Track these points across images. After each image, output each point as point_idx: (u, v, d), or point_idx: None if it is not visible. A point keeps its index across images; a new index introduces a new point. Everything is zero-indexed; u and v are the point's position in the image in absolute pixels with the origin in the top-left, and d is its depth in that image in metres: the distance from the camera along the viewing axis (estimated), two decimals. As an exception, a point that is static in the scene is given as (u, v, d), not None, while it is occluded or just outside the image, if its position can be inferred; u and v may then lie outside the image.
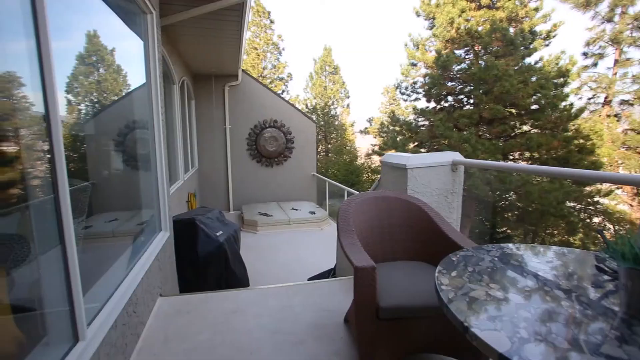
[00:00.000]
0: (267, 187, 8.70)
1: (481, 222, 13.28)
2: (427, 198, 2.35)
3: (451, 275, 1.16)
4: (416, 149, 12.59)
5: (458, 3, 11.82)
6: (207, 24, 4.53)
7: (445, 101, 13.13)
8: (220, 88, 8.01)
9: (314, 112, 23.91)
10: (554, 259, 1.36)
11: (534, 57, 11.54)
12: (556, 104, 10.55)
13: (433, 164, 2.33)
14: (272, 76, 22.47)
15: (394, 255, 1.98)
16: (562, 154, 10.46)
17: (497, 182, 10.44)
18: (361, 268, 1.47)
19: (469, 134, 10.53)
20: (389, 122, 14.36)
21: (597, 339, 0.84)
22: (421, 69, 13.88)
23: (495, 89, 10.45)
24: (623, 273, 0.93)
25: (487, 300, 1.00)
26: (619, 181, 2.47)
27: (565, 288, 1.10)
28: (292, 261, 5.28)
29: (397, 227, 2.01)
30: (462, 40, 11.74)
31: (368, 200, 2.04)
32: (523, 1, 11.53)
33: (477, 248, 1.44)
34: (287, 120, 8.64)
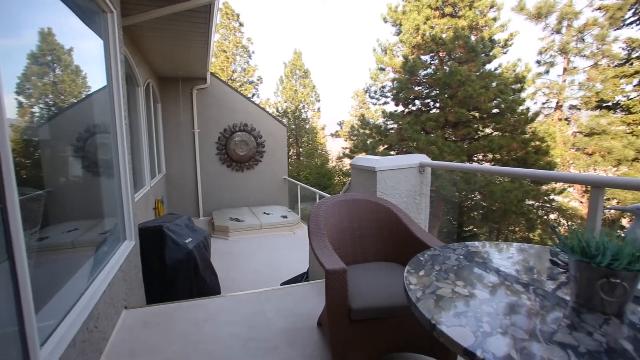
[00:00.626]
0: (238, 191, 8.55)
1: (449, 222, 13.77)
2: (396, 199, 2.41)
3: (419, 275, 1.19)
4: (386, 151, 12.87)
5: (423, 11, 12.26)
6: (173, 25, 4.41)
7: (413, 105, 13.54)
8: (188, 91, 7.81)
9: (285, 115, 23.85)
10: (515, 254, 1.44)
11: (494, 64, 12.20)
12: (514, 108, 11.18)
13: (401, 166, 2.39)
14: (242, 79, 22.19)
15: (365, 257, 2.01)
16: (521, 155, 11.09)
17: (463, 183, 10.88)
18: (332, 271, 1.48)
19: (435, 136, 10.92)
20: (359, 126, 14.60)
21: (551, 328, 0.89)
22: (389, 73, 14.24)
23: (459, 93, 10.91)
24: (572, 265, 1.00)
25: (453, 298, 1.04)
26: (569, 180, 2.66)
27: (524, 282, 1.17)
28: (265, 266, 5.22)
29: (368, 229, 2.04)
30: (427, 46, 12.17)
31: (338, 203, 2.06)
32: (482, 11, 12.16)
33: (444, 247, 1.50)
34: (257, 124, 8.56)
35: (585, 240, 1.00)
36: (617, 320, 0.93)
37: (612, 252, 0.94)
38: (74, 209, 2.40)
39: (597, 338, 0.85)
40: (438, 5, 12.21)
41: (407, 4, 13.30)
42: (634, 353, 0.79)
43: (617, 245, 0.96)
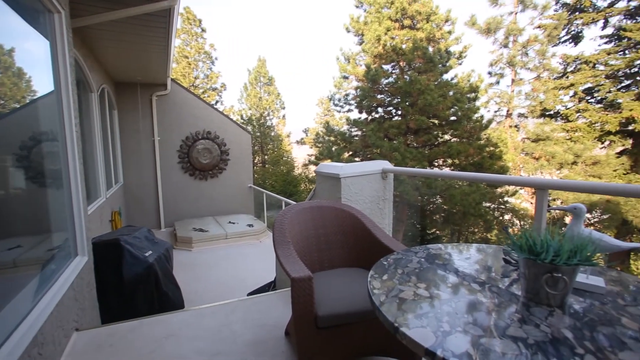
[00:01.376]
0: (202, 201, 8.30)
1: (413, 225, 14.21)
2: (361, 205, 2.46)
3: (383, 279, 1.22)
4: (351, 158, 13.09)
5: (384, 22, 12.71)
6: (130, 29, 4.24)
7: (376, 112, 13.92)
8: (147, 97, 7.49)
9: (250, 123, 23.58)
10: (473, 255, 1.51)
11: (450, 74, 12.87)
12: (470, 116, 11.84)
13: (364, 173, 2.45)
14: (205, 86, 21.69)
15: (331, 264, 2.02)
16: (477, 159, 11.74)
17: (425, 188, 11.31)
18: (298, 279, 1.47)
19: (398, 143, 11.28)
20: (324, 133, 14.76)
21: (505, 323, 0.95)
22: (353, 81, 14.56)
23: (419, 101, 11.39)
24: (522, 262, 1.07)
25: (415, 300, 1.07)
26: (519, 183, 2.85)
27: (480, 281, 1.23)
28: (231, 277, 5.08)
29: (333, 235, 2.06)
30: (388, 56, 12.61)
31: (303, 210, 2.07)
32: (439, 24, 12.83)
33: (406, 250, 1.54)
34: (221, 132, 8.38)
35: (532, 239, 1.08)
36: (560, 311, 1.01)
37: (554, 249, 1.01)
38: (16, 225, 2.21)
39: (544, 329, 0.91)
40: (397, 18, 12.72)
41: (368, 15, 13.73)
42: (573, 341, 0.86)
43: (558, 243, 1.04)
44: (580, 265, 1.00)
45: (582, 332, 0.90)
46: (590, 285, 1.15)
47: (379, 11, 13.18)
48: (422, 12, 12.54)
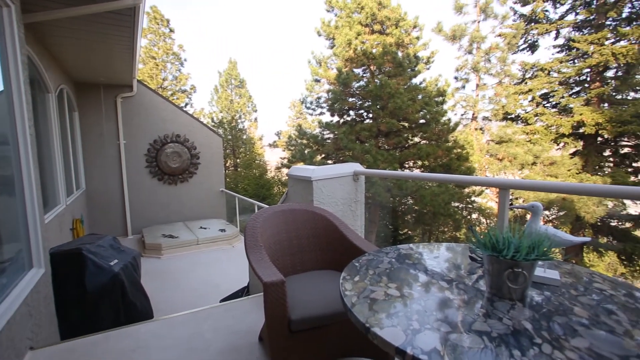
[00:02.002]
0: (172, 206, 8.03)
1: (386, 226, 14.47)
2: (333, 208, 2.47)
3: (354, 280, 1.23)
4: (323, 160, 13.16)
5: (354, 27, 12.92)
6: (92, 27, 4.04)
7: (348, 115, 14.09)
8: (111, 99, 7.17)
9: (221, 126, 23.15)
10: (442, 254, 1.56)
11: (419, 78, 13.27)
12: (438, 119, 12.26)
13: (336, 175, 2.47)
14: (174, 88, 21.07)
15: (304, 267, 2.02)
16: (446, 161, 12.15)
17: (396, 189, 11.56)
18: (270, 283, 1.45)
19: (369, 145, 11.47)
20: (297, 136, 14.75)
21: (471, 318, 0.98)
22: (324, 85, 14.67)
23: (390, 104, 11.65)
24: (486, 259, 1.12)
25: (386, 300, 1.09)
26: (483, 183, 2.98)
27: (448, 279, 1.27)
28: (203, 284, 4.94)
29: (306, 238, 2.06)
30: (359, 60, 12.82)
31: (276, 214, 2.05)
32: (407, 30, 13.20)
33: (378, 251, 1.57)
34: (191, 135, 8.16)
35: (495, 236, 1.13)
36: (521, 304, 1.06)
37: (515, 245, 1.07)
38: (-38, 236, 2.05)
39: (506, 322, 0.96)
40: (368, 23, 12.97)
41: (339, 20, 13.90)
42: (532, 331, 0.91)
43: (518, 240, 1.10)
44: (538, 260, 1.06)
45: (540, 323, 0.95)
46: (547, 279, 1.22)
47: (349, 16, 13.39)
48: (391, 18, 12.86)
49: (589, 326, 0.94)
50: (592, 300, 1.09)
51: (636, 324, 0.95)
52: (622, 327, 0.94)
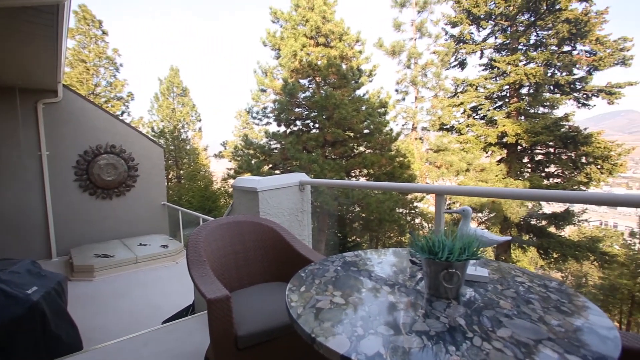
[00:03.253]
0: (106, 223, 7.35)
1: (335, 234, 14.68)
2: (279, 218, 2.46)
3: (300, 291, 1.23)
4: (270, 170, 13.05)
5: (299, 39, 13.13)
6: (5, 24, 3.59)
7: (295, 125, 14.19)
8: (30, 105, 6.42)
9: (162, 135, 21.93)
10: (385, 259, 1.62)
11: (362, 90, 13.84)
12: (381, 129, 12.85)
13: (282, 186, 2.46)
14: (108, 95, 19.52)
15: (251, 280, 1.97)
16: (389, 169, 12.74)
17: (343, 197, 11.83)
18: (214, 299, 1.40)
19: (316, 155, 11.63)
20: (243, 146, 14.47)
21: (412, 320, 1.03)
22: (270, 94, 14.64)
23: (335, 115, 11.96)
24: (424, 262, 1.19)
25: (332, 308, 1.11)
26: (422, 190, 3.19)
27: (391, 283, 1.33)
28: (143, 305, 4.57)
29: (252, 250, 2.01)
30: (305, 71, 13.02)
31: (220, 226, 1.98)
32: (350, 44, 13.74)
33: (324, 260, 1.59)
34: (128, 145, 7.60)
35: (431, 240, 1.21)
36: (456, 302, 1.15)
37: (448, 248, 1.15)
38: None
39: (442, 320, 1.02)
40: (312, 35, 13.27)
41: (284, 31, 14.04)
42: (465, 326, 0.98)
43: (452, 242, 1.19)
44: (469, 259, 1.15)
45: (472, 318, 1.04)
46: (477, 276, 1.33)
47: (294, 28, 13.59)
48: (335, 32, 13.30)
49: (512, 316, 1.04)
50: (514, 293, 1.21)
51: (547, 310, 1.07)
52: (537, 314, 1.05)
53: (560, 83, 14.57)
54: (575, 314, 1.06)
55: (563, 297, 1.17)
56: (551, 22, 14.17)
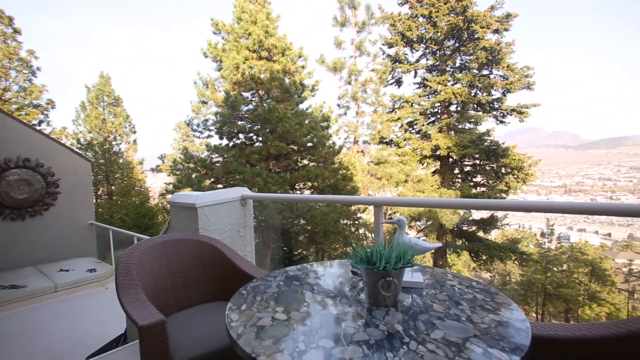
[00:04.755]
0: (16, 248, 6.42)
1: (280, 248, 14.49)
2: (220, 235, 2.37)
3: (241, 310, 1.20)
4: (212, 185, 12.58)
5: (242, 51, 13.02)
6: None
7: (237, 138, 13.91)
8: None
9: (90, 148, 20.03)
10: (330, 271, 1.64)
11: (305, 104, 14.08)
12: (324, 142, 13.13)
13: (223, 201, 2.38)
14: (21, 101, 17.34)
15: (190, 302, 1.86)
16: (333, 182, 13.01)
17: (288, 211, 11.78)
18: (147, 326, 1.29)
19: (260, 168, 11.49)
20: (183, 159, 13.77)
21: (352, 330, 1.06)
22: (212, 107, 14.22)
23: (278, 128, 11.97)
24: (363, 272, 1.23)
25: (273, 325, 1.09)
26: (362, 202, 3.30)
27: (332, 295, 1.35)
28: (64, 341, 4.03)
29: (191, 270, 1.91)
30: (247, 84, 12.90)
31: (155, 246, 1.85)
32: (293, 59, 13.97)
33: (266, 276, 1.56)
34: (47, 159, 6.78)
35: (370, 250, 1.26)
36: (394, 309, 1.20)
37: (385, 257, 1.21)
38: None
39: (382, 328, 1.06)
40: (255, 49, 13.24)
41: (226, 43, 13.82)
42: (402, 332, 1.03)
43: (388, 251, 1.25)
44: (404, 267, 1.21)
45: (408, 323, 1.09)
46: (414, 282, 1.41)
47: (237, 40, 13.45)
48: (277, 46, 13.43)
49: (444, 318, 1.12)
50: (446, 296, 1.30)
51: (474, 309, 1.17)
52: (465, 314, 1.14)
53: (482, 102, 16.31)
54: (496, 311, 1.17)
55: (487, 297, 1.29)
56: (472, 49, 15.88)
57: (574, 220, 49.71)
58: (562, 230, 41.43)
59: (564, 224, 46.46)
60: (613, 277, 19.44)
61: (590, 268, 19.34)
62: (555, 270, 19.72)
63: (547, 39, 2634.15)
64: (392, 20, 17.27)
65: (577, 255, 19.81)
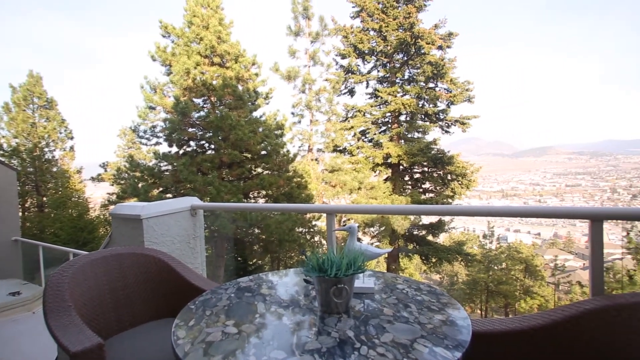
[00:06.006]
0: None
1: (234, 259, 14.05)
2: (168, 247, 2.24)
3: (189, 326, 1.14)
4: (161, 194, 11.90)
5: (193, 56, 12.58)
6: None
7: (188, 146, 13.35)
8: None
9: (16, 155, 18.02)
10: (284, 280, 1.62)
11: (259, 112, 13.93)
12: (278, 150, 13.06)
13: (171, 211, 2.27)
14: None
15: (134, 321, 1.73)
16: (287, 190, 12.95)
17: (242, 220, 11.50)
18: (80, 352, 1.18)
19: (212, 177, 11.10)
20: (128, 168, 12.88)
21: (305, 339, 1.05)
22: (160, 113, 13.53)
23: (232, 136, 11.70)
24: (315, 280, 1.24)
25: (223, 340, 1.05)
26: (315, 210, 3.33)
27: (285, 304, 1.33)
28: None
29: (135, 286, 1.78)
30: (199, 90, 12.48)
31: (93, 262, 1.71)
32: (246, 66, 13.79)
33: (217, 288, 1.50)
34: (-41, 168, 5.98)
35: (321, 258, 1.27)
36: (346, 315, 1.22)
37: (337, 264, 1.22)
38: None
39: (334, 335, 1.07)
40: (207, 54, 12.88)
41: (176, 47, 13.28)
42: (354, 338, 1.05)
43: (340, 258, 1.27)
44: (355, 273, 1.24)
45: (360, 329, 1.11)
46: (365, 288, 1.44)
47: (187, 45, 12.99)
48: (230, 53, 13.19)
49: (393, 321, 1.16)
50: (396, 300, 1.35)
51: (421, 311, 1.23)
52: (413, 316, 1.19)
53: (429, 113, 17.32)
54: (441, 311, 1.23)
55: (433, 298, 1.35)
56: (419, 63, 16.87)
57: (511, 222, 54.27)
58: (501, 231, 45.18)
59: (502, 226, 50.67)
60: (542, 272, 21.50)
61: (525, 265, 21.22)
62: (496, 269, 21.32)
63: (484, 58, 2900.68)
64: (345, 32, 17.81)
65: (514, 254, 21.61)
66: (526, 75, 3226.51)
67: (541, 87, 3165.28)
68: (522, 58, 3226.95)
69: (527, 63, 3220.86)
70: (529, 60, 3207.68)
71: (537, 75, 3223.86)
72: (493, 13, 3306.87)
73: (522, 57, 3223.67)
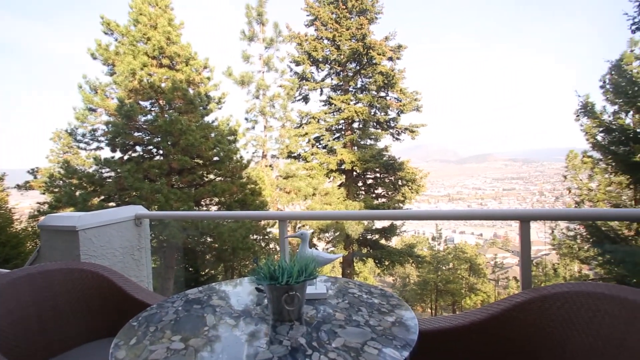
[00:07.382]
0: None
1: (185, 270, 13.36)
2: (109, 260, 2.08)
3: (130, 345, 1.06)
4: (102, 202, 11.00)
5: (139, 57, 11.88)
6: None
7: (134, 151, 12.53)
8: None
9: None
10: (236, 289, 1.58)
11: (211, 117, 13.49)
12: (231, 156, 12.74)
13: (112, 221, 2.10)
14: None
15: (64, 345, 1.57)
16: (241, 196, 12.65)
17: (193, 229, 11.00)
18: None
19: (160, 184, 10.51)
20: (64, 174, 11.75)
21: (256, 350, 1.03)
22: (102, 115, 12.56)
23: (182, 141, 11.19)
24: (266, 288, 1.22)
25: (168, 357, 0.99)
26: (268, 217, 3.29)
27: (236, 315, 1.29)
28: None
29: (67, 305, 1.62)
30: (146, 92, 11.80)
31: (14, 282, 1.53)
32: (198, 69, 13.32)
33: (162, 302, 1.42)
34: None
35: (273, 266, 1.25)
36: (298, 322, 1.21)
37: (288, 272, 1.22)
38: None
39: (285, 343, 1.06)
40: (155, 55, 12.24)
41: (121, 46, 12.45)
42: (306, 345, 1.05)
43: (291, 266, 1.26)
44: (306, 280, 1.24)
45: (312, 335, 1.11)
46: (317, 294, 1.45)
47: (133, 44, 12.23)
48: (181, 55, 12.66)
49: (344, 326, 1.17)
50: (347, 304, 1.37)
51: (372, 314, 1.26)
52: (364, 319, 1.22)
53: (380, 121, 18.00)
54: (390, 312, 1.28)
55: (383, 300, 1.40)
56: (371, 72, 17.51)
57: (457, 224, 57.94)
58: (448, 233, 47.98)
59: (449, 228, 53.94)
60: (485, 270, 23.19)
61: (469, 264, 22.73)
62: (444, 269, 22.58)
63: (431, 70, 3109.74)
64: (299, 40, 17.98)
65: (460, 254, 23.06)
66: (470, 85, 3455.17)
67: (482, 97, 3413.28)
68: (466, 71, 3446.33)
69: (471, 75, 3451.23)
70: (473, 73, 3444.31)
71: (478, 85, 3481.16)
72: (440, 26, 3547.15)
73: (466, 70, 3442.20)
